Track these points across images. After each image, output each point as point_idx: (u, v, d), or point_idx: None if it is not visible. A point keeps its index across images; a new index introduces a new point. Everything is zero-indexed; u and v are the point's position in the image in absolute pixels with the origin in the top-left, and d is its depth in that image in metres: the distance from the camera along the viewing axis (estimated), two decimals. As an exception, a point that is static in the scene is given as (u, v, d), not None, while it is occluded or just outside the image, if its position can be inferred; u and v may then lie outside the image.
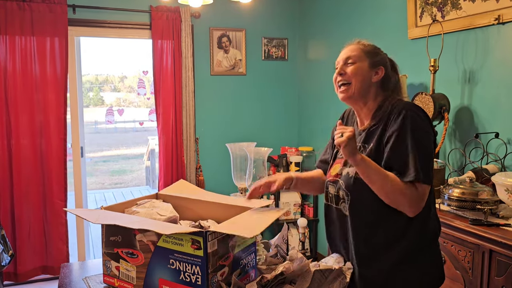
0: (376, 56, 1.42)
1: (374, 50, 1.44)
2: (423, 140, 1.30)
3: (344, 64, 1.42)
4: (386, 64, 1.44)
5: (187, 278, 1.22)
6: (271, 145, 4.06)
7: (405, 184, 1.27)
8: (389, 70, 1.44)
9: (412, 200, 1.28)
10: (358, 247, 1.38)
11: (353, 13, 3.43)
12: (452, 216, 1.94)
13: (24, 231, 3.42)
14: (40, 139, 3.44)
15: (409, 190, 1.27)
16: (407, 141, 1.28)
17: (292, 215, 4.00)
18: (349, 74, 1.40)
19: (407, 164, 1.27)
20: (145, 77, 13.99)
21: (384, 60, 1.44)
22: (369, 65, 1.41)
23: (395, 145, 1.30)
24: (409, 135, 1.28)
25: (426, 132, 1.31)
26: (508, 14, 2.14)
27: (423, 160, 1.27)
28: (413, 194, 1.27)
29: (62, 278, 1.52)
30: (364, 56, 1.41)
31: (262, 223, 1.24)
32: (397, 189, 1.27)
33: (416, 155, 1.27)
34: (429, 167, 1.29)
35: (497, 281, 1.68)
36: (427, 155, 1.29)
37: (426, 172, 1.27)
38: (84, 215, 1.39)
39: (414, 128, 1.29)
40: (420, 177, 1.26)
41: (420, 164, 1.26)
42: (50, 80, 3.41)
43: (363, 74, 1.40)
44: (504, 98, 2.22)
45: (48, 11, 3.34)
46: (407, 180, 1.27)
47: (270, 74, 4.23)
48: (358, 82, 1.39)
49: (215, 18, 3.96)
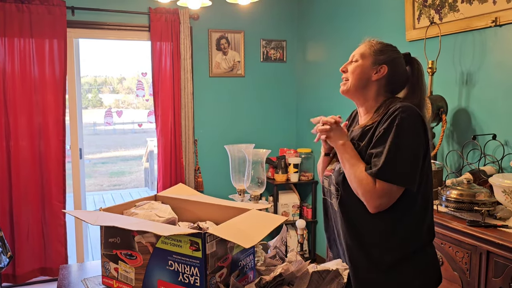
0: (381, 55, 1.42)
1: (382, 48, 1.43)
2: (404, 139, 1.28)
3: (350, 62, 1.46)
4: (393, 63, 1.42)
5: (185, 280, 1.22)
6: (269, 146, 4.07)
7: (365, 175, 1.28)
8: (397, 69, 1.42)
9: (367, 194, 1.28)
10: (348, 242, 1.39)
11: (351, 15, 3.44)
12: (449, 217, 1.94)
13: (23, 232, 3.42)
14: (39, 141, 3.44)
15: (366, 182, 1.28)
16: (388, 138, 1.28)
17: (290, 216, 4.00)
18: (349, 71, 1.44)
19: (379, 159, 1.28)
20: (144, 79, 13.99)
21: (390, 58, 1.42)
22: (371, 63, 1.41)
23: (377, 141, 1.31)
24: (393, 135, 1.28)
25: (412, 135, 1.29)
26: (505, 16, 2.15)
27: (397, 158, 1.26)
28: (369, 189, 1.28)
29: (60, 280, 1.53)
30: (368, 54, 1.42)
31: (261, 231, 1.24)
32: (356, 177, 1.30)
33: (390, 152, 1.26)
34: (402, 167, 1.27)
35: (494, 282, 1.69)
36: (404, 155, 1.27)
37: (396, 171, 1.26)
38: (83, 216, 1.39)
39: (399, 127, 1.28)
40: (384, 175, 1.26)
41: (391, 162, 1.26)
42: (49, 81, 3.41)
43: (362, 71, 1.42)
44: (501, 100, 2.23)
45: (47, 13, 3.34)
46: (369, 172, 1.28)
47: (269, 76, 4.24)
48: (354, 79, 1.42)
49: (214, 20, 3.97)
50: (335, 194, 1.42)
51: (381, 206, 1.29)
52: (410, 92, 1.45)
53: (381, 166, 1.26)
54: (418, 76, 1.44)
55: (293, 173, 3.95)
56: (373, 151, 1.31)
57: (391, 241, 1.34)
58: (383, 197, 1.28)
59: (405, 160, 1.27)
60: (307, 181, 4.02)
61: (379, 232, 1.34)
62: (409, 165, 1.28)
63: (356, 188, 1.31)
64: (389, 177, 1.26)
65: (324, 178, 1.53)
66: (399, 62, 1.43)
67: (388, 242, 1.34)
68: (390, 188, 1.27)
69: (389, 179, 1.26)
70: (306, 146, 4.20)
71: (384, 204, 1.29)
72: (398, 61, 1.43)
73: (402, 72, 1.44)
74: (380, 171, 1.26)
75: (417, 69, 1.45)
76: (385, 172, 1.26)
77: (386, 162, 1.26)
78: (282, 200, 4.00)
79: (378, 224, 1.34)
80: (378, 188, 1.27)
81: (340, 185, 1.39)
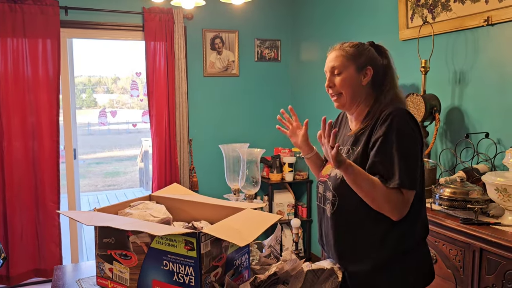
0: (360, 57, 1.40)
1: (357, 51, 1.41)
2: (408, 145, 1.29)
3: (332, 75, 1.43)
4: (372, 61, 1.41)
5: (180, 279, 1.22)
6: (264, 146, 4.07)
7: (390, 190, 1.28)
8: (377, 64, 1.41)
9: (397, 207, 1.29)
10: (341, 248, 1.39)
11: (345, 15, 3.45)
12: (443, 215, 1.96)
13: (17, 233, 3.40)
14: (33, 141, 3.42)
15: (394, 196, 1.28)
16: (392, 146, 1.28)
17: (285, 215, 4.01)
18: (338, 86, 1.41)
19: (392, 170, 1.28)
20: (138, 79, 13.94)
21: (369, 57, 1.41)
22: (355, 70, 1.40)
23: (379, 150, 1.30)
24: (394, 141, 1.28)
25: (411, 138, 1.31)
26: (497, 15, 2.17)
27: (408, 165, 1.28)
28: (398, 200, 1.28)
29: (55, 281, 1.52)
30: (348, 62, 1.39)
31: (256, 230, 1.24)
32: (382, 195, 1.28)
33: (401, 160, 1.27)
34: (414, 173, 1.29)
35: (487, 279, 1.70)
36: (412, 160, 1.29)
37: (411, 178, 1.28)
38: (77, 217, 1.39)
39: (399, 134, 1.28)
40: (405, 184, 1.27)
41: (405, 170, 1.27)
42: (42, 81, 3.40)
43: (352, 82, 1.40)
44: (494, 98, 2.24)
45: (40, 12, 3.33)
46: (392, 186, 1.27)
47: (263, 75, 4.25)
48: (349, 92, 1.40)
49: (208, 20, 3.96)
50: (331, 200, 1.41)
51: (404, 213, 1.31)
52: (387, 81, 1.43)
53: (402, 176, 1.26)
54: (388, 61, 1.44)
55: (288, 173, 3.96)
56: (379, 160, 1.30)
57: (387, 242, 1.34)
58: (408, 205, 1.30)
59: (414, 165, 1.30)
60: (302, 180, 4.03)
61: (375, 235, 1.35)
62: (417, 168, 1.31)
63: (383, 205, 1.29)
64: (411, 185, 1.28)
65: (319, 184, 1.52)
66: (375, 56, 1.42)
67: (384, 243, 1.34)
68: (412, 194, 1.30)
69: (412, 187, 1.28)
70: (301, 145, 4.19)
71: (407, 210, 1.31)
72: (375, 56, 1.42)
73: (380, 64, 1.43)
74: (404, 181, 1.27)
75: (386, 56, 1.44)
76: (407, 181, 1.27)
77: (404, 171, 1.27)
78: (277, 200, 4.01)
79: (376, 228, 1.34)
80: (405, 197, 1.29)
81: (338, 192, 1.38)
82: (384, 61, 1.43)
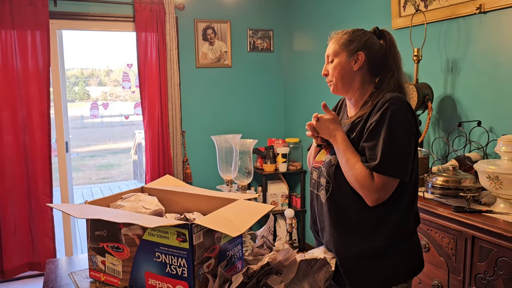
0: (351, 44, 1.41)
1: (349, 37, 1.42)
2: (399, 133, 1.29)
3: (327, 63, 1.47)
4: (366, 46, 1.40)
5: (173, 271, 1.22)
6: (258, 136, 4.06)
7: (364, 170, 1.28)
8: (373, 49, 1.41)
9: (365, 188, 1.29)
10: (334, 235, 1.39)
11: (337, 3, 3.43)
12: (435, 203, 1.97)
13: (10, 227, 3.38)
14: (24, 135, 3.39)
15: (365, 177, 1.28)
16: (382, 132, 1.28)
17: (279, 206, 4.02)
18: (330, 72, 1.45)
19: (375, 153, 1.28)
20: (130, 70, 13.81)
21: (362, 43, 1.40)
22: (346, 56, 1.41)
23: (370, 134, 1.31)
24: (385, 127, 1.28)
25: (405, 127, 1.30)
26: (489, 3, 2.16)
27: (393, 153, 1.27)
28: (367, 182, 1.28)
29: (47, 274, 1.51)
30: (340, 49, 1.42)
31: (248, 220, 1.23)
32: (354, 172, 1.29)
33: (387, 146, 1.26)
34: (400, 160, 1.28)
35: (479, 266, 1.72)
36: (400, 148, 1.29)
37: (395, 164, 1.27)
38: (68, 210, 1.38)
39: (392, 121, 1.28)
40: (385, 167, 1.26)
41: (387, 156, 1.26)
42: (32, 74, 3.35)
43: (342, 68, 1.42)
44: (486, 87, 2.25)
45: (28, 4, 3.27)
46: (366, 165, 1.28)
47: (256, 66, 4.23)
48: (337, 78, 1.43)
49: (200, 10, 3.92)
50: (324, 186, 1.41)
51: (379, 200, 1.30)
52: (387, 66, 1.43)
53: (379, 160, 1.26)
54: (390, 46, 1.43)
55: (281, 163, 3.96)
56: (367, 144, 1.31)
57: (380, 231, 1.34)
58: (381, 191, 1.28)
59: (400, 153, 1.29)
60: (296, 170, 4.04)
61: (368, 224, 1.35)
62: (404, 157, 1.29)
63: (353, 182, 1.31)
64: (387, 171, 1.26)
65: (313, 169, 1.53)
66: (372, 41, 1.42)
67: (377, 232, 1.34)
68: (388, 181, 1.28)
69: (387, 173, 1.26)
70: (294, 135, 4.20)
71: (382, 197, 1.30)
72: (370, 41, 1.42)
73: (378, 49, 1.42)
74: (378, 165, 1.26)
75: (388, 40, 1.44)
76: (382, 166, 1.26)
77: (383, 156, 1.26)
78: (271, 190, 4.01)
79: (369, 217, 1.34)
80: (377, 182, 1.28)
81: (332, 177, 1.38)
82: (385, 47, 1.43)
